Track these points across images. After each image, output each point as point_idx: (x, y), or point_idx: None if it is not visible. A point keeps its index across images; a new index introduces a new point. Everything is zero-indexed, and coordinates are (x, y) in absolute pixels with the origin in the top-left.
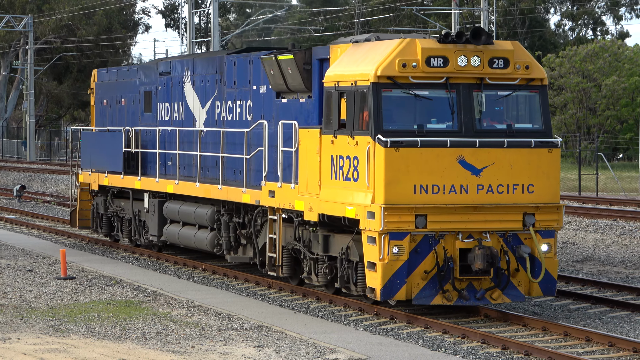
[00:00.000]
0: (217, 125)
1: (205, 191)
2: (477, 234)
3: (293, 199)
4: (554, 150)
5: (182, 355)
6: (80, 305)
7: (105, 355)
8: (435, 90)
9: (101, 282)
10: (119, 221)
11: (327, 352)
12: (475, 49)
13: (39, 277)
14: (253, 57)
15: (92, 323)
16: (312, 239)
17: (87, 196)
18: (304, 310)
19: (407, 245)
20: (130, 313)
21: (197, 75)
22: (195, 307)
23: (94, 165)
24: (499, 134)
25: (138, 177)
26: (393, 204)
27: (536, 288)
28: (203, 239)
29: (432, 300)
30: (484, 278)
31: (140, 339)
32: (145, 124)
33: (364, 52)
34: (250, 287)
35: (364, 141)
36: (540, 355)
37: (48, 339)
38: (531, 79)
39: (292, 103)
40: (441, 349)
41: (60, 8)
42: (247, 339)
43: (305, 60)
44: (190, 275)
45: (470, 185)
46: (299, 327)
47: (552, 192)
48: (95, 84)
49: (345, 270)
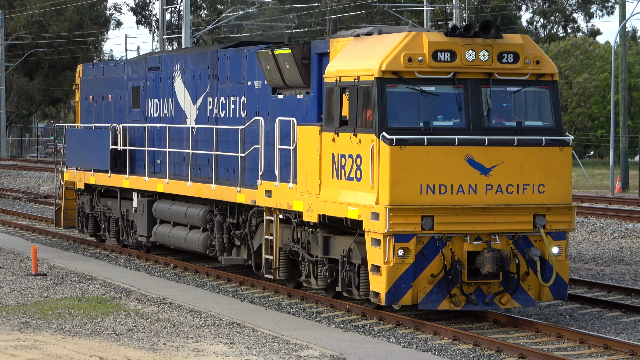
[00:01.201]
0: (209, 122)
1: (197, 190)
2: (486, 236)
3: (291, 199)
4: (565, 148)
5: (154, 352)
6: (51, 301)
7: (76, 351)
8: (442, 86)
9: (72, 278)
10: (105, 221)
11: (299, 349)
12: (484, 43)
13: (9, 274)
14: (248, 51)
15: (63, 320)
16: (312, 241)
17: (72, 195)
18: (275, 307)
19: (413, 248)
20: (102, 310)
21: (187, 70)
22: (167, 303)
23: (79, 163)
24: (508, 132)
25: (126, 176)
26: (398, 205)
27: (547, 292)
28: (195, 240)
29: (439, 305)
30: (493, 282)
31: (111, 335)
32: (133, 121)
33: (367, 45)
34: (222, 284)
35: (368, 139)
36: (511, 352)
37: (19, 335)
38: (542, 74)
39: (289, 99)
40: (412, 345)
41: (31, 4)
42: (218, 335)
43: (304, 54)
44: (162, 272)
45: (479, 185)
46: (271, 324)
47: (563, 192)
48: (80, 80)
49: (347, 273)
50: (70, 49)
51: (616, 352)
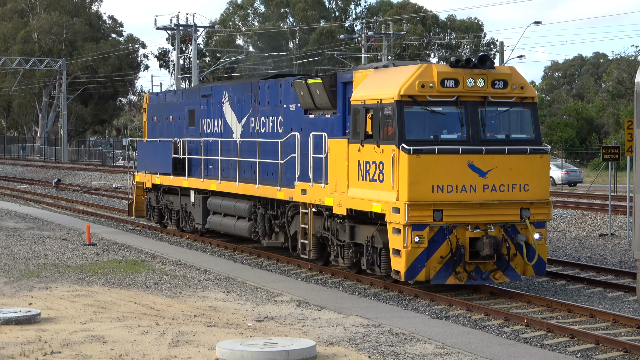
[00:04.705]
0: (251, 137)
1: (244, 189)
2: (483, 226)
3: (323, 196)
4: (544, 155)
5: (173, 299)
6: (100, 263)
7: (118, 298)
8: (447, 107)
9: (115, 247)
10: (168, 212)
11: (276, 296)
12: (481, 72)
13: (70, 244)
14: (284, 81)
15: (108, 276)
16: (339, 229)
17: (142, 192)
18: (258, 266)
19: (427, 235)
20: (136, 269)
21: (234, 96)
22: (182, 264)
23: (147, 168)
24: (500, 143)
25: (186, 178)
26: (415, 201)
27: (530, 269)
28: (242, 227)
29: (446, 280)
30: (488, 262)
31: (143, 287)
32: (190, 136)
33: (388, 75)
34: (220, 250)
35: (389, 149)
36: (497, 315)
37: (77, 287)
38: (525, 97)
39: (318, 118)
40: (356, 292)
41: (85, 53)
42: (218, 287)
43: (331, 83)
44: (177, 242)
45: (478, 185)
46: (256, 278)
47: (543, 190)
48: (147, 105)
49: (371, 255)
50: (113, 84)
51: (576, 315)
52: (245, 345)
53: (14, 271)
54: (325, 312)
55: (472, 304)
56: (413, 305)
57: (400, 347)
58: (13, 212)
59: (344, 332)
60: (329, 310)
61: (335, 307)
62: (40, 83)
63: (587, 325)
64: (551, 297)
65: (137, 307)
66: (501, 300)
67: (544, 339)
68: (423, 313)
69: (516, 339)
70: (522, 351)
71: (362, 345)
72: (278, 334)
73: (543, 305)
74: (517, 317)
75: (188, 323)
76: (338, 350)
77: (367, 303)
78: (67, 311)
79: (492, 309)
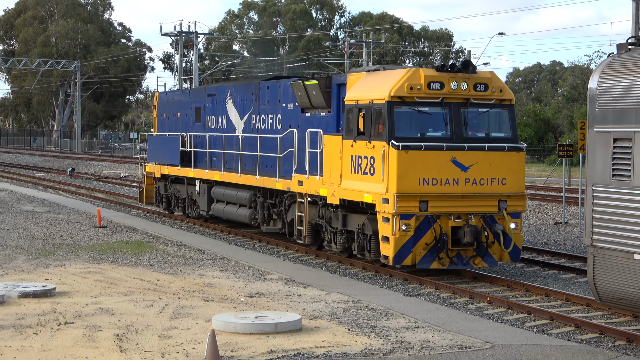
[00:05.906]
0: (252, 132)
1: (245, 180)
2: (465, 215)
3: (318, 187)
4: (520, 153)
5: (174, 276)
6: (109, 244)
7: (125, 275)
8: (433, 107)
9: (123, 229)
10: (175, 199)
11: (265, 274)
12: (464, 76)
13: (82, 226)
14: (282, 83)
15: (117, 255)
16: (333, 217)
17: (151, 181)
18: (250, 248)
19: (413, 224)
20: (141, 249)
21: (237, 96)
22: (183, 245)
23: (157, 160)
24: (480, 141)
25: (192, 169)
26: (403, 193)
27: (506, 256)
28: (243, 214)
29: (430, 265)
30: (469, 249)
31: (147, 265)
32: (196, 131)
33: (379, 78)
34: (217, 233)
35: (380, 145)
36: (480, 298)
37: (89, 265)
38: (503, 99)
39: (314, 116)
40: (337, 272)
41: (98, 56)
42: (214, 265)
43: (327, 85)
44: (179, 225)
45: (460, 179)
46: (248, 259)
47: (519, 184)
48: (157, 103)
49: (361, 241)
50: (122, 84)
51: (533, 294)
52: (239, 318)
53: (32, 250)
54: (310, 289)
55: (440, 283)
56: (388, 284)
57: (376, 321)
58: (32, 197)
59: (326, 307)
60: (313, 288)
61: (319, 285)
62: (57, 82)
63: (543, 303)
64: (511, 278)
65: (142, 283)
66: (466, 280)
67: (505, 315)
68: (397, 291)
69: (480, 315)
70: (484, 326)
71: (342, 319)
72: (268, 308)
73: (504, 285)
74: (480, 295)
75: (187, 298)
76: (321, 323)
77: (347, 282)
78: (80, 286)
79: (458, 288)
